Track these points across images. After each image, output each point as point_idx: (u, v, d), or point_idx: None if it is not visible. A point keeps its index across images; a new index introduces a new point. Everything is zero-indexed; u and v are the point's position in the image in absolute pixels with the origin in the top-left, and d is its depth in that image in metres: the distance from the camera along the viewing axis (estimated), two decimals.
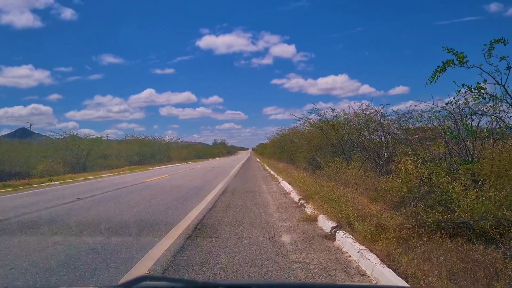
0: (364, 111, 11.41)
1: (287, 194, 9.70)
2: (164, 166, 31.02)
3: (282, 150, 37.26)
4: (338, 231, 4.79)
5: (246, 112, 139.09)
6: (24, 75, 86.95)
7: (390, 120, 10.37)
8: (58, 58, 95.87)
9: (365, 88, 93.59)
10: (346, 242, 4.31)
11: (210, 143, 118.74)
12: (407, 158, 6.15)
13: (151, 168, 27.54)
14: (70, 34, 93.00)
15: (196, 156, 59.21)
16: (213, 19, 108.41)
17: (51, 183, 14.39)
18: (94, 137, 27.08)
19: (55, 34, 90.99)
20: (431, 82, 4.54)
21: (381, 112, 10.89)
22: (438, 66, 4.46)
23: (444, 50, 4.37)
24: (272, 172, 17.68)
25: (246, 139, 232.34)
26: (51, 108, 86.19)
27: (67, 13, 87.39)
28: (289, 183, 11.10)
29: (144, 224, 5.87)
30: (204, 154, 69.01)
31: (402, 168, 5.88)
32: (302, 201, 7.74)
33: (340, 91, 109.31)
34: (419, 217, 4.46)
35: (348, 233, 4.54)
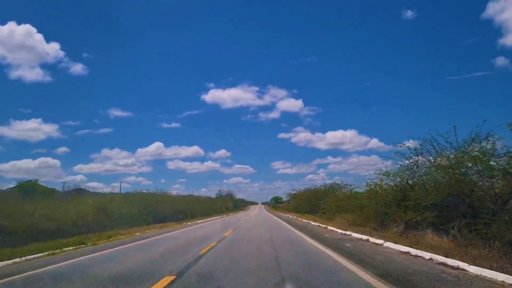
0: None
1: None
2: None
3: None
4: None
5: (254, 167, 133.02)
6: (33, 128, 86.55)
7: None
8: (66, 112, 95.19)
9: (374, 142, 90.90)
10: None
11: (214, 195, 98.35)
12: None
13: None
14: (79, 88, 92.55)
15: (180, 214, 34.74)
16: (219, 73, 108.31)
17: None
18: None
19: (64, 88, 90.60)
20: None
21: None
22: None
23: None
24: None
25: (255, 194, 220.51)
26: (59, 162, 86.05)
27: (77, 68, 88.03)
28: None
29: None
30: (189, 211, 40.18)
31: None
32: None
33: (349, 146, 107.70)
34: None
35: None
